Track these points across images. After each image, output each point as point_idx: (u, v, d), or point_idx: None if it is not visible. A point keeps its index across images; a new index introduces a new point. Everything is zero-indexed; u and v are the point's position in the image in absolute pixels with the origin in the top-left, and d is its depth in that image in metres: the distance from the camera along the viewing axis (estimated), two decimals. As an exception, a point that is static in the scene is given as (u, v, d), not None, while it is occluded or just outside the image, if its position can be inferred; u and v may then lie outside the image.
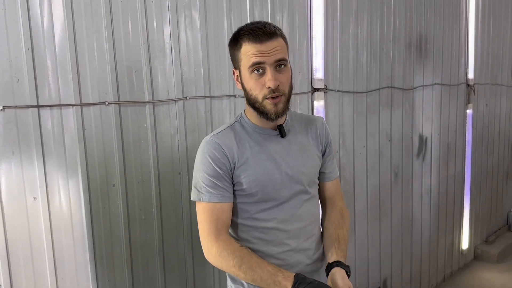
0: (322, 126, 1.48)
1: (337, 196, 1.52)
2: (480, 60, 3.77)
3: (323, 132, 1.47)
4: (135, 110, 1.70)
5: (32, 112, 1.45)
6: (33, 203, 1.48)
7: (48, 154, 1.50)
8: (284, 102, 1.29)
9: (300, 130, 1.44)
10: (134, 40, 1.67)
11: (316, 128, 1.46)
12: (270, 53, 1.23)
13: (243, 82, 1.31)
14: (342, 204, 1.52)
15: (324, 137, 1.48)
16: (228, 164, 1.31)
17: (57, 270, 1.55)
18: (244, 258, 1.25)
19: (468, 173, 3.82)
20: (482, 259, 4.02)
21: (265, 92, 1.26)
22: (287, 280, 1.18)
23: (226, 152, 1.31)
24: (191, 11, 1.82)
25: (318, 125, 1.47)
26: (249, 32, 1.25)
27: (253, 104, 1.30)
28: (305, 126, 1.45)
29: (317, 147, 1.45)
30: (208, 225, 1.30)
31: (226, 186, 1.31)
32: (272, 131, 1.38)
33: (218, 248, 1.27)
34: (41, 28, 1.45)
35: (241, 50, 1.27)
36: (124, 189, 1.69)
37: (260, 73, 1.25)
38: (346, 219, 1.48)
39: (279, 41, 1.26)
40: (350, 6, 2.53)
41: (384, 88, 2.82)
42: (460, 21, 3.49)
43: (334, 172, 1.52)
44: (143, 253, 1.77)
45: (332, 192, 1.52)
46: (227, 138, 1.34)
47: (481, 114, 3.92)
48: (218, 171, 1.30)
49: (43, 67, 1.46)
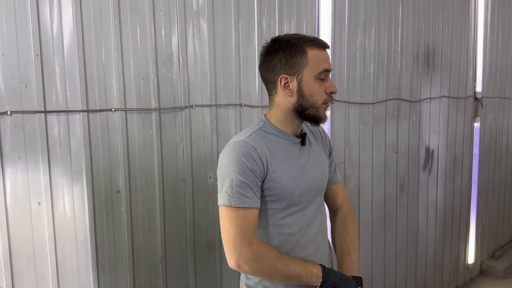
0: (324, 133, 1.58)
1: (341, 200, 1.60)
2: (488, 73, 3.76)
3: (326, 139, 1.57)
4: (141, 117, 1.70)
5: (39, 117, 1.46)
6: (38, 207, 1.49)
7: (54, 159, 1.51)
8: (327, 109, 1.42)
9: (312, 139, 1.51)
10: (142, 48, 1.68)
11: (321, 135, 1.55)
12: (327, 62, 1.35)
13: (304, 87, 1.32)
14: (346, 209, 1.59)
15: (328, 143, 1.57)
16: (263, 169, 1.30)
17: (59, 275, 1.55)
18: (280, 257, 1.31)
19: (475, 187, 3.79)
20: (488, 274, 3.97)
21: (325, 97, 1.35)
22: (317, 268, 1.33)
23: (262, 156, 1.30)
24: (199, 20, 1.84)
25: (322, 134, 1.56)
26: (314, 39, 1.34)
27: (306, 110, 1.34)
28: (313, 135, 1.53)
29: (325, 154, 1.54)
30: (239, 232, 1.26)
31: (257, 192, 1.30)
32: (295, 139, 1.42)
33: (254, 252, 1.27)
34: (51, 34, 1.47)
35: (307, 55, 1.31)
36: (128, 196, 1.70)
37: (323, 79, 1.34)
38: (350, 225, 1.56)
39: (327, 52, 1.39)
40: (358, 17, 2.53)
41: (391, 99, 2.81)
42: (469, 33, 3.49)
43: (336, 175, 1.60)
44: (146, 261, 1.77)
45: (336, 195, 1.59)
46: (259, 142, 1.32)
47: (488, 128, 3.89)
48: (254, 175, 1.28)
49: (51, 73, 1.48)
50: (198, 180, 1.89)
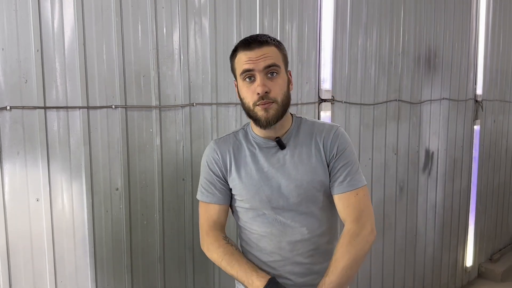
0: (329, 136, 1.36)
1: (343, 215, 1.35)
2: (489, 76, 3.76)
3: (328, 143, 1.35)
4: (142, 114, 1.70)
5: (38, 113, 1.45)
6: (36, 204, 1.48)
7: (53, 155, 1.50)
8: (277, 109, 1.28)
9: (305, 141, 1.37)
10: (143, 45, 1.67)
11: (322, 138, 1.36)
12: (259, 59, 1.26)
13: (239, 91, 1.35)
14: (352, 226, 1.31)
15: (329, 148, 1.35)
16: (222, 170, 1.40)
17: (56, 272, 1.54)
18: (226, 254, 1.35)
19: (474, 190, 3.78)
20: (486, 277, 3.96)
21: (255, 98, 1.27)
22: (261, 281, 1.27)
23: (220, 158, 1.39)
24: (201, 18, 1.83)
25: (325, 135, 1.36)
26: (243, 41, 1.31)
27: (248, 113, 1.33)
28: (311, 137, 1.37)
29: (321, 160, 1.35)
30: (202, 222, 1.43)
31: (219, 189, 1.40)
32: (269, 143, 1.37)
33: (207, 243, 1.40)
34: (51, 30, 1.46)
35: (235, 60, 1.33)
36: (127, 194, 1.69)
37: (252, 81, 1.29)
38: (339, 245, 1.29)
39: (271, 49, 1.28)
40: (359, 18, 2.53)
41: (391, 101, 2.80)
42: (470, 36, 3.49)
43: (342, 185, 1.34)
44: (144, 259, 1.76)
45: (340, 208, 1.35)
46: (225, 144, 1.41)
47: (488, 131, 3.89)
48: (212, 175, 1.41)
49: (52, 69, 1.47)
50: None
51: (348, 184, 1.34)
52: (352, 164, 1.35)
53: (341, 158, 1.35)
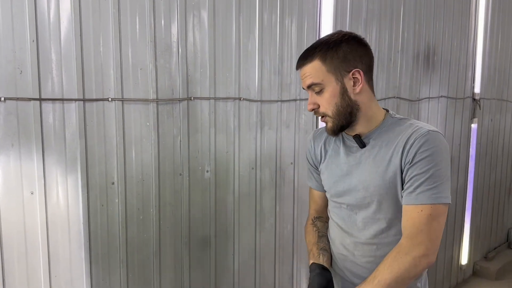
0: (413, 139, 1.21)
1: (404, 229, 1.21)
2: (487, 74, 3.75)
3: (407, 147, 1.21)
4: (139, 108, 1.67)
5: (33, 105, 1.43)
6: (30, 197, 1.45)
7: (48, 148, 1.47)
8: (332, 121, 1.28)
9: (388, 143, 1.26)
10: (141, 37, 1.65)
11: (404, 141, 1.22)
12: (303, 79, 1.29)
13: None
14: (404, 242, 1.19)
15: (407, 153, 1.20)
16: (315, 159, 1.47)
17: (51, 267, 1.52)
18: (306, 233, 1.52)
19: (470, 188, 3.78)
20: (481, 275, 3.98)
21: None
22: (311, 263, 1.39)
23: (313, 150, 1.47)
24: (199, 11, 1.80)
25: (409, 138, 1.22)
26: None
27: None
28: (396, 139, 1.25)
29: (397, 164, 1.22)
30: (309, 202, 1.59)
31: (315, 177, 1.49)
32: (350, 140, 1.35)
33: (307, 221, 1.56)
34: (47, 20, 1.43)
35: None
36: (123, 188, 1.66)
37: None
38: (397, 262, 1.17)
39: (312, 65, 1.25)
40: (359, 14, 2.51)
41: (390, 98, 2.79)
42: (469, 35, 3.48)
43: (408, 196, 1.20)
44: (140, 254, 1.74)
45: (402, 220, 1.22)
46: (320, 137, 1.46)
47: (485, 129, 3.89)
48: (308, 163, 1.51)
49: (47, 60, 1.44)
50: (195, 173, 1.86)
51: (415, 197, 1.18)
52: (429, 175, 1.17)
53: (416, 166, 1.19)
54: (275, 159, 2.17)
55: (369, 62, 1.29)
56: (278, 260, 2.26)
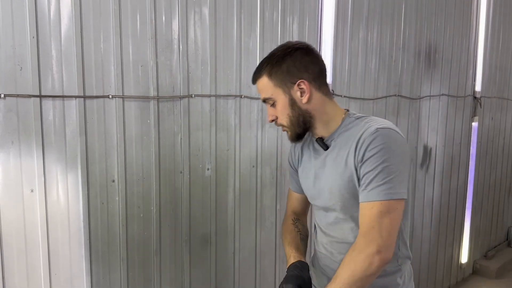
0: (363, 138, 1.22)
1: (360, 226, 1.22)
2: (488, 73, 3.74)
3: (358, 146, 1.22)
4: (139, 105, 1.66)
5: (34, 102, 1.41)
6: (30, 195, 1.44)
7: (48, 145, 1.46)
8: (291, 130, 1.33)
9: (346, 144, 1.27)
10: (142, 34, 1.63)
11: (356, 141, 1.23)
12: (259, 94, 1.35)
13: None
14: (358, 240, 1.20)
15: (358, 151, 1.22)
16: (295, 162, 1.48)
17: (51, 265, 1.52)
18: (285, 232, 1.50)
19: (470, 187, 3.78)
20: (481, 274, 3.98)
21: None
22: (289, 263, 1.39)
23: (294, 153, 1.49)
24: (201, 8, 1.79)
25: (359, 137, 1.23)
26: None
27: None
28: (353, 139, 1.26)
29: (353, 163, 1.24)
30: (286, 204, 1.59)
31: (295, 179, 1.50)
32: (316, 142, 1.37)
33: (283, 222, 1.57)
34: (48, 16, 1.42)
35: None
36: (124, 186, 1.66)
37: None
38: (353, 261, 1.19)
39: (262, 81, 1.31)
40: (361, 11, 2.50)
41: (391, 96, 2.78)
42: (470, 33, 3.46)
43: (362, 194, 1.21)
44: (140, 252, 1.73)
45: (360, 218, 1.23)
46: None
47: (486, 128, 3.88)
48: (290, 165, 1.52)
49: (48, 56, 1.43)
50: (196, 171, 1.86)
51: (367, 194, 1.19)
52: (378, 172, 1.17)
53: (366, 164, 1.20)
54: (276, 157, 2.16)
55: (317, 69, 1.30)
56: (279, 258, 2.25)
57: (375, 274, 1.19)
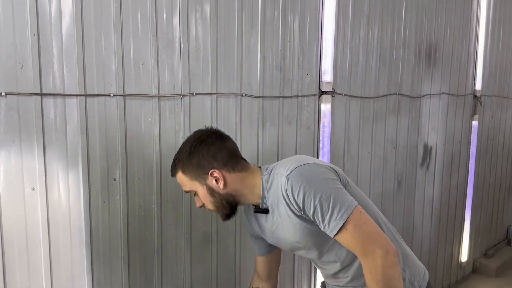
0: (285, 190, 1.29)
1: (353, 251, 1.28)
2: (488, 71, 3.74)
3: (288, 201, 1.29)
4: (140, 103, 1.66)
5: (35, 100, 1.41)
6: (31, 193, 1.44)
7: (49, 144, 1.46)
8: (219, 211, 1.40)
9: (277, 202, 1.34)
10: (143, 32, 1.63)
11: (283, 198, 1.31)
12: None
13: None
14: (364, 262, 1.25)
15: (292, 206, 1.29)
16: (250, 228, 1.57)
17: (52, 264, 1.51)
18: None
19: (470, 185, 3.78)
20: (481, 272, 3.98)
21: None
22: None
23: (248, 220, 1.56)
24: (202, 6, 1.78)
25: (282, 191, 1.29)
26: None
27: None
28: (277, 195, 1.33)
29: (296, 214, 1.31)
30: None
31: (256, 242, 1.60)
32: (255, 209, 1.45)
33: None
34: (49, 14, 1.41)
35: None
36: (125, 184, 1.65)
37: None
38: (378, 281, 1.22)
39: (178, 177, 1.39)
40: (361, 10, 2.49)
41: (392, 94, 2.78)
42: (470, 31, 3.46)
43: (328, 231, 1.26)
44: (141, 251, 1.73)
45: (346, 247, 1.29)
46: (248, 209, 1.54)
47: (486, 126, 3.88)
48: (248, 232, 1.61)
49: (49, 54, 1.42)
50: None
51: (331, 229, 1.24)
52: (320, 207, 1.23)
53: (306, 208, 1.26)
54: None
55: (226, 154, 1.36)
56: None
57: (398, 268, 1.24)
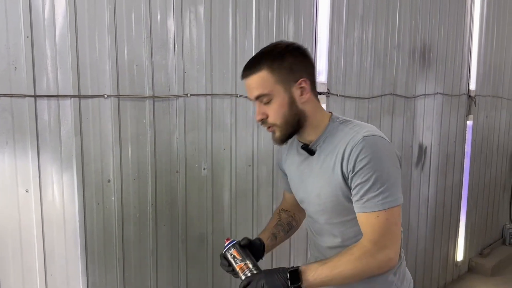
0: (350, 148, 1.20)
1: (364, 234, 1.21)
2: (482, 71, 3.76)
3: (346, 156, 1.21)
4: (135, 104, 1.66)
5: (28, 101, 1.41)
6: (25, 195, 1.44)
7: (43, 145, 1.46)
8: (280, 131, 1.27)
9: (332, 150, 1.26)
10: (137, 33, 1.63)
11: (343, 149, 1.22)
12: (249, 90, 1.26)
13: None
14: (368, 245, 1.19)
15: (347, 162, 1.20)
16: (283, 164, 1.49)
17: (46, 265, 1.51)
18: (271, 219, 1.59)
19: (465, 185, 3.80)
20: (476, 271, 4.00)
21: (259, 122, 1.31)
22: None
23: (283, 155, 1.49)
24: (196, 7, 1.79)
25: (346, 146, 1.21)
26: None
27: None
28: (338, 146, 1.25)
29: (340, 172, 1.23)
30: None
31: (284, 179, 1.52)
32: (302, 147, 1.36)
33: None
34: (42, 15, 1.41)
35: None
36: (120, 186, 1.65)
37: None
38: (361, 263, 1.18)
39: (259, 75, 1.23)
40: (356, 10, 2.50)
41: (386, 95, 2.79)
42: (464, 32, 3.48)
43: (358, 204, 1.20)
44: (136, 252, 1.73)
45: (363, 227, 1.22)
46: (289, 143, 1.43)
47: (481, 126, 3.90)
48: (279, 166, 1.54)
49: (42, 56, 1.42)
50: (192, 171, 1.85)
51: (365, 205, 1.19)
52: (372, 182, 1.17)
53: (358, 175, 1.19)
54: (272, 156, 2.16)
55: (313, 71, 1.30)
56: (276, 257, 2.25)
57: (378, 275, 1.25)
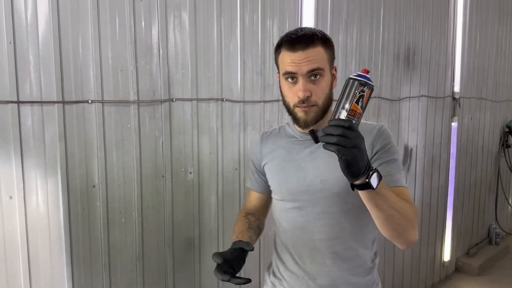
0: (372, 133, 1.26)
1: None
2: (466, 73, 3.82)
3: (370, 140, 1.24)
4: (119, 110, 1.66)
5: (11, 108, 1.40)
6: (9, 202, 1.43)
7: (27, 151, 1.45)
8: (317, 112, 1.23)
9: None
10: (121, 39, 1.63)
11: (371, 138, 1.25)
12: (303, 63, 1.19)
13: (280, 87, 1.29)
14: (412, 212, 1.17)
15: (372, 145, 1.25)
16: (259, 160, 1.45)
17: (31, 272, 1.50)
18: (237, 222, 1.46)
19: (451, 186, 3.84)
20: (463, 271, 4.04)
21: (295, 100, 1.23)
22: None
23: (262, 149, 1.44)
24: (180, 12, 1.80)
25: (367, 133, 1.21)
26: (288, 39, 1.23)
27: (288, 111, 1.29)
28: None
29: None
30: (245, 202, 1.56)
31: (257, 178, 1.48)
32: (303, 136, 1.33)
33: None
34: (25, 21, 1.41)
35: (279, 56, 1.26)
36: (105, 191, 1.65)
37: (294, 81, 1.22)
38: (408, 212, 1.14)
39: (317, 50, 1.19)
40: (340, 14, 2.53)
41: (371, 98, 2.81)
42: (448, 34, 3.53)
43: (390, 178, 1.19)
44: (122, 257, 1.73)
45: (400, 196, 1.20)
46: (269, 137, 1.45)
47: (465, 128, 3.95)
48: (253, 163, 1.49)
49: (25, 62, 1.42)
50: (178, 175, 1.85)
51: (390, 179, 1.18)
52: (394, 162, 1.23)
53: (383, 154, 1.23)
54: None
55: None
56: (263, 260, 2.26)
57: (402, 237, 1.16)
